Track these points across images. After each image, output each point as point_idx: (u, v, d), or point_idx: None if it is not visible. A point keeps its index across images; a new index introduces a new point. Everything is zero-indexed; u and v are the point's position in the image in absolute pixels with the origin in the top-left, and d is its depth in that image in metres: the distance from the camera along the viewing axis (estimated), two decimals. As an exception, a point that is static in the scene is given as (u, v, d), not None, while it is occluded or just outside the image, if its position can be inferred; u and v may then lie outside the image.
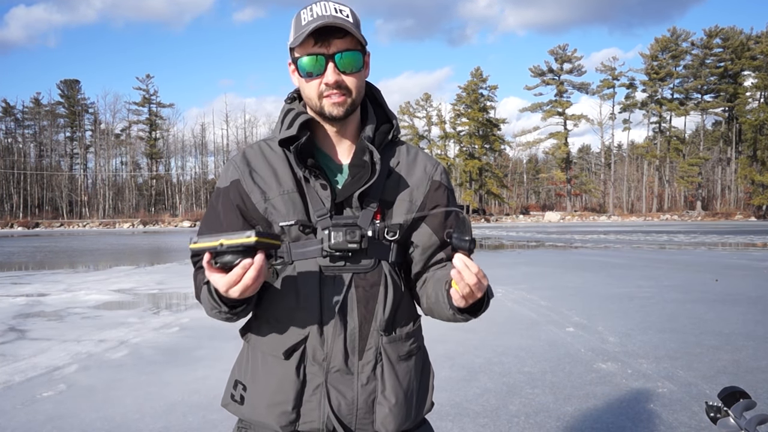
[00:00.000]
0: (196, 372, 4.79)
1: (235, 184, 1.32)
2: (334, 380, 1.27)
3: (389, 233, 1.30)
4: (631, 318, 6.84)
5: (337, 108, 1.27)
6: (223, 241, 1.07)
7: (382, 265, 1.31)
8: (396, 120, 1.41)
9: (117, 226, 61.91)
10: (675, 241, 23.04)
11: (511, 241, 25.41)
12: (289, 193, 1.29)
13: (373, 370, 1.29)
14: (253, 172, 1.32)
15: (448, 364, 4.88)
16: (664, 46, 66.82)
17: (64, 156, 77.31)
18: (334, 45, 1.24)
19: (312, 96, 1.28)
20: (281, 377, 1.28)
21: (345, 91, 1.26)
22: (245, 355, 1.37)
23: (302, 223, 1.27)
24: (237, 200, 1.31)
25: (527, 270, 12.66)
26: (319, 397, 1.27)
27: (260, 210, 1.29)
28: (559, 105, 69.05)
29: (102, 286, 10.91)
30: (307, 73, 1.26)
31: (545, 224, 55.15)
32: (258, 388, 1.32)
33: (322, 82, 1.25)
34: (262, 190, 1.30)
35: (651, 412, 3.69)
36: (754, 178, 61.65)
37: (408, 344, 1.35)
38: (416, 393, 1.36)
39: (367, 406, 1.29)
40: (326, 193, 1.28)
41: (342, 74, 1.25)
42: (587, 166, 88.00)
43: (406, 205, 1.34)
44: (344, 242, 1.23)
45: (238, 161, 1.35)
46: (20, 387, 4.41)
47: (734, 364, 4.79)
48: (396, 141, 1.42)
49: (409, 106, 70.62)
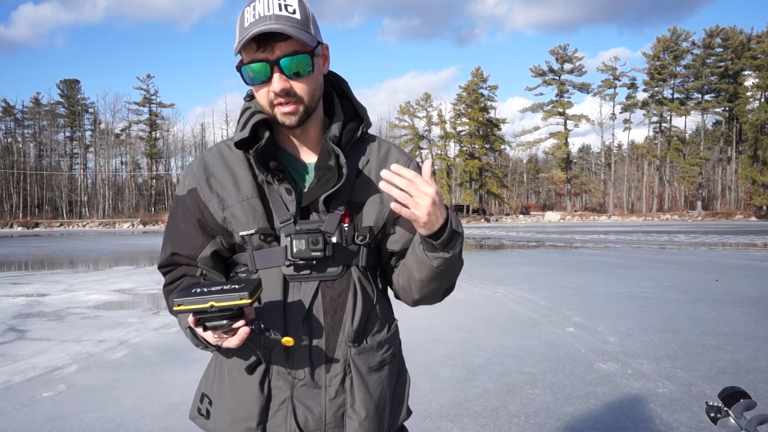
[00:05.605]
0: (196, 372, 4.77)
1: (192, 193, 1.26)
2: (301, 395, 1.21)
3: (358, 237, 1.24)
4: (631, 318, 6.83)
5: (289, 117, 1.18)
6: (213, 303, 1.02)
7: (351, 271, 1.24)
8: (366, 114, 1.31)
9: (117, 226, 61.90)
10: (675, 241, 23.03)
11: (511, 241, 25.41)
12: (249, 199, 1.22)
13: (341, 383, 1.23)
14: (211, 178, 1.25)
15: (448, 364, 4.88)
16: (665, 46, 66.81)
17: (64, 156, 77.30)
18: (278, 49, 1.13)
19: (264, 105, 1.20)
20: (245, 392, 1.23)
21: (295, 98, 1.17)
22: (212, 368, 1.32)
23: (263, 231, 1.20)
24: (195, 211, 1.25)
25: (527, 270, 12.65)
26: (285, 412, 1.21)
27: (219, 220, 1.23)
28: (560, 105, 69.03)
29: (102, 286, 10.90)
30: (253, 81, 1.17)
31: (545, 224, 55.14)
32: (223, 403, 1.27)
33: (270, 90, 1.16)
34: (221, 197, 1.23)
35: (651, 412, 3.69)
36: (754, 178, 61.62)
37: (380, 353, 1.28)
38: (389, 404, 1.30)
39: (335, 420, 1.23)
40: (291, 197, 1.21)
41: (290, 80, 1.16)
42: (587, 166, 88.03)
43: (376, 207, 1.26)
44: (307, 250, 1.17)
45: (196, 168, 1.28)
46: (20, 387, 4.41)
47: (734, 364, 4.79)
48: (366, 137, 1.33)
49: (409, 106, 70.59)
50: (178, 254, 1.28)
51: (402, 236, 1.29)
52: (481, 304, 8.08)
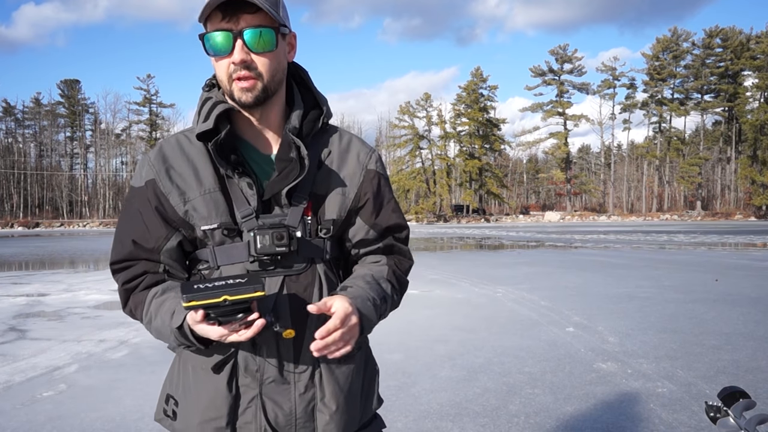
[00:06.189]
0: (196, 372, 4.79)
1: (151, 184, 1.21)
2: (270, 391, 1.19)
3: (322, 230, 1.23)
4: (631, 318, 6.84)
5: (245, 93, 1.15)
6: (227, 297, 1.01)
7: (316, 265, 1.23)
8: (326, 104, 1.29)
9: (117, 226, 61.88)
10: (675, 241, 23.03)
11: (511, 241, 25.41)
12: (211, 192, 1.19)
13: (311, 377, 1.22)
14: (171, 170, 1.21)
15: (448, 364, 4.88)
16: (665, 47, 66.82)
17: (65, 156, 77.30)
18: (243, 20, 1.12)
19: (223, 78, 1.17)
20: (213, 392, 1.20)
21: (255, 73, 1.14)
22: (176, 368, 1.29)
23: (226, 226, 1.18)
24: (155, 202, 1.20)
25: (527, 270, 12.65)
26: (255, 410, 1.19)
27: (180, 213, 1.19)
28: (560, 105, 69.03)
29: (102, 286, 10.90)
30: (215, 51, 1.15)
31: (545, 224, 55.14)
32: (190, 403, 1.23)
33: (230, 62, 1.14)
34: (181, 190, 1.20)
35: (651, 412, 3.70)
36: (754, 178, 61.63)
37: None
38: (360, 395, 1.29)
39: (306, 414, 1.22)
40: (252, 192, 1.18)
41: (251, 53, 1.13)
42: (587, 166, 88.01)
43: (339, 199, 1.25)
44: (272, 246, 1.14)
45: (153, 158, 1.22)
46: (20, 387, 4.41)
47: (734, 364, 4.79)
48: (328, 128, 1.30)
49: (409, 106, 70.58)
50: (140, 246, 1.21)
51: (361, 227, 1.29)
52: (481, 304, 8.08)
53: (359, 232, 1.29)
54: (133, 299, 1.23)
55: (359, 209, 1.28)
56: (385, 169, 1.35)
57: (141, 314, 1.21)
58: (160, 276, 1.23)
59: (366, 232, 1.29)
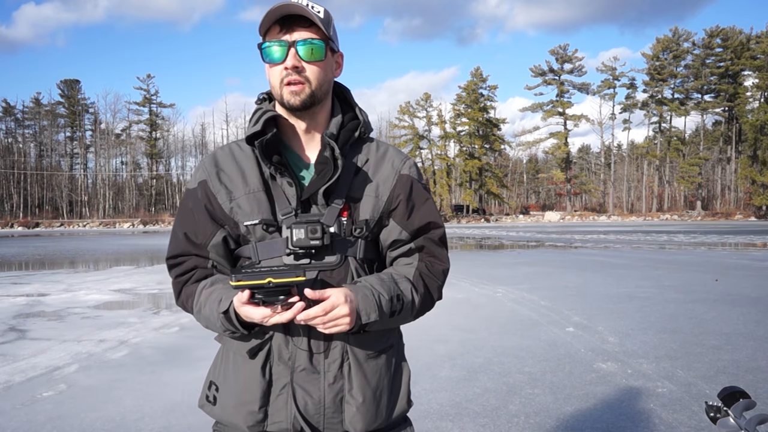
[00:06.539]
0: (196, 372, 4.78)
1: (203, 185, 1.34)
2: (300, 379, 1.27)
3: (356, 230, 1.31)
4: (631, 318, 6.84)
5: (294, 97, 1.27)
6: (271, 280, 1.11)
7: (349, 261, 1.31)
8: (365, 117, 1.40)
9: (117, 225, 61.90)
10: (675, 241, 23.03)
11: (511, 241, 25.41)
12: (255, 192, 1.30)
13: (339, 368, 1.28)
14: (221, 173, 1.34)
15: (448, 364, 4.88)
16: (665, 46, 66.82)
17: (64, 156, 77.25)
18: (297, 33, 1.27)
19: (275, 84, 1.29)
20: (248, 377, 1.29)
21: (304, 78, 1.27)
22: (220, 356, 1.38)
23: (266, 222, 1.28)
24: (205, 201, 1.32)
25: (527, 270, 12.66)
26: (286, 396, 1.27)
27: (226, 210, 1.31)
28: (560, 105, 69.02)
29: (102, 286, 10.91)
30: (271, 58, 1.28)
31: (545, 224, 55.12)
32: (228, 388, 1.32)
33: (283, 67, 1.27)
34: (229, 189, 1.32)
35: (651, 412, 3.70)
36: (754, 178, 61.62)
37: (379, 342, 1.33)
38: (387, 392, 1.34)
39: (335, 405, 1.29)
40: (292, 190, 1.29)
41: (302, 61, 1.27)
42: (587, 166, 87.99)
43: (372, 201, 1.33)
44: (306, 239, 1.23)
45: (207, 163, 1.37)
46: (20, 387, 4.41)
47: (734, 364, 4.79)
48: (366, 138, 1.41)
49: (409, 106, 70.58)
50: (190, 241, 1.33)
51: (394, 228, 1.36)
52: (481, 304, 8.08)
53: (392, 233, 1.36)
54: (185, 291, 1.35)
55: (392, 211, 1.35)
56: (420, 175, 1.43)
57: (192, 305, 1.32)
58: (208, 270, 1.35)
59: (399, 233, 1.36)
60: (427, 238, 1.38)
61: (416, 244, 1.37)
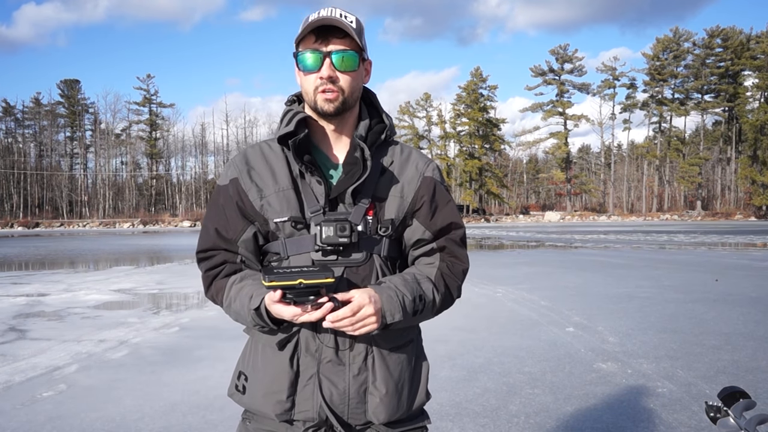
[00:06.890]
0: (196, 372, 4.79)
1: (234, 182, 1.38)
2: (326, 371, 1.32)
3: (381, 228, 1.36)
4: (631, 318, 6.84)
5: (328, 104, 1.33)
6: (302, 281, 1.16)
7: (374, 259, 1.36)
8: (390, 121, 1.46)
9: (117, 225, 61.89)
10: (675, 241, 23.04)
11: (511, 241, 25.41)
12: (285, 190, 1.35)
13: (364, 360, 1.34)
14: (252, 171, 1.38)
15: (448, 364, 4.88)
16: (666, 46, 66.82)
17: (64, 156, 77.25)
18: (332, 44, 1.32)
19: (309, 91, 1.35)
20: (277, 367, 1.34)
21: (337, 87, 1.32)
22: (249, 347, 1.44)
23: (295, 219, 1.32)
24: (235, 197, 1.37)
25: (527, 270, 12.66)
26: (312, 387, 1.32)
27: (256, 207, 1.35)
28: (560, 105, 69.02)
29: (102, 286, 10.91)
30: (306, 67, 1.33)
31: (545, 224, 55.12)
32: (257, 378, 1.38)
33: (318, 76, 1.32)
34: (259, 187, 1.36)
35: (651, 412, 3.70)
36: (754, 178, 61.61)
37: (401, 336, 1.39)
38: (408, 384, 1.40)
39: (359, 396, 1.34)
40: (321, 189, 1.33)
41: (337, 71, 1.32)
42: (587, 166, 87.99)
43: (397, 201, 1.38)
44: (335, 236, 1.28)
45: (238, 160, 1.41)
46: (20, 387, 4.41)
47: (734, 364, 4.79)
48: (391, 141, 1.46)
49: (409, 106, 70.58)
50: (221, 236, 1.38)
51: (417, 228, 1.41)
52: (481, 304, 8.08)
53: (416, 232, 1.41)
54: (215, 285, 1.39)
55: (416, 212, 1.40)
56: (442, 177, 1.49)
57: (222, 298, 1.37)
58: (237, 266, 1.39)
59: (422, 232, 1.41)
60: (449, 238, 1.43)
61: (438, 245, 1.42)
